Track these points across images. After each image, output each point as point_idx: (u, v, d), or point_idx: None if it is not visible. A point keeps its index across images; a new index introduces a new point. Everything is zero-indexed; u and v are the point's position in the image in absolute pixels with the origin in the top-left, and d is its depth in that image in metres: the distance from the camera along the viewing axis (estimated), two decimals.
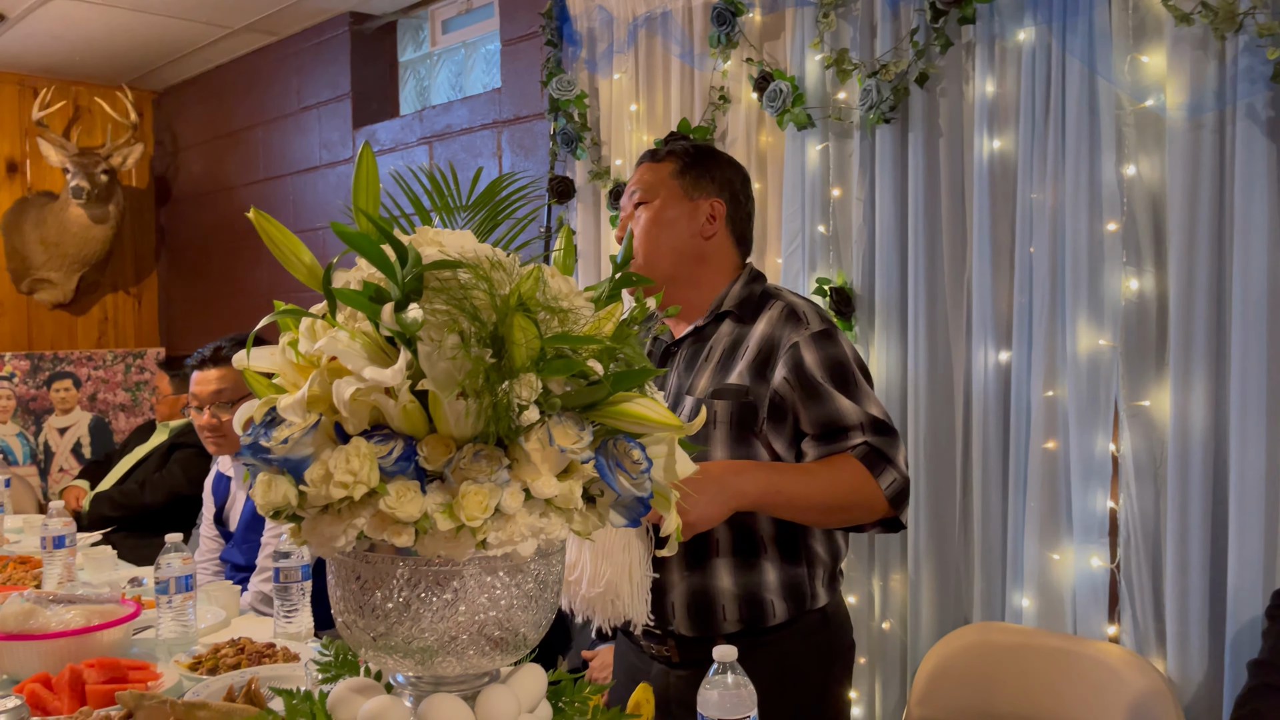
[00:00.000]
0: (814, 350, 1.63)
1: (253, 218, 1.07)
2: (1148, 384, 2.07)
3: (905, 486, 1.61)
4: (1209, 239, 1.95)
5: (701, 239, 1.75)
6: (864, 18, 2.45)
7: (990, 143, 2.24)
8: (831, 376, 1.62)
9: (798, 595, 1.66)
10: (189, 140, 5.44)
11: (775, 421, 1.64)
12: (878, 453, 1.59)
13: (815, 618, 1.69)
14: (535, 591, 1.06)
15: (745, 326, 1.70)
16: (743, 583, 1.64)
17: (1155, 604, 2.06)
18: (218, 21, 4.40)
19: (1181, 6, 1.93)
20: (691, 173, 1.76)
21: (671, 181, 1.76)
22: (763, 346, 1.66)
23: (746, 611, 1.64)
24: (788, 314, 1.68)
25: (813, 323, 1.66)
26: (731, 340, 1.70)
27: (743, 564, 1.64)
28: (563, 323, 1.03)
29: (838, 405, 1.60)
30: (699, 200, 1.75)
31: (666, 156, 1.79)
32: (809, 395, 1.61)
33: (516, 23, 3.51)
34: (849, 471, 1.58)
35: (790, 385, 1.62)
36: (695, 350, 1.73)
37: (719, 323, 1.73)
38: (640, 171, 1.80)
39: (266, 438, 1.00)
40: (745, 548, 1.65)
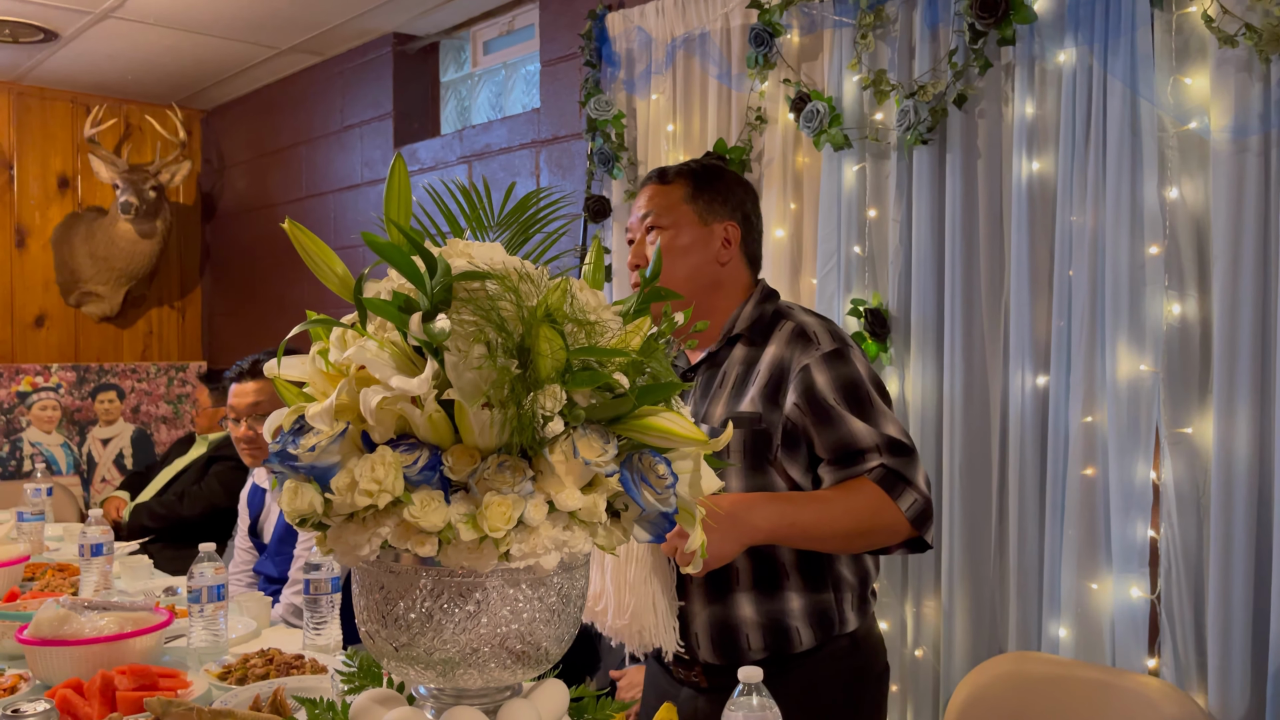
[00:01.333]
0: (825, 371, 1.59)
1: (287, 228, 1.09)
2: (1190, 410, 2.03)
3: (927, 506, 1.56)
4: (1253, 263, 1.92)
5: (717, 265, 1.72)
6: (902, 39, 2.44)
7: (1029, 164, 2.22)
8: (845, 398, 1.58)
9: (825, 621, 1.63)
10: (235, 158, 5.54)
11: (789, 448, 1.60)
12: (895, 474, 1.55)
13: (844, 643, 1.66)
14: (558, 605, 1.06)
15: (756, 349, 1.66)
16: (765, 611, 1.61)
17: (1197, 636, 2.01)
18: (265, 42, 4.49)
19: (1225, 28, 1.90)
20: (704, 196, 1.72)
21: (684, 206, 1.72)
22: (774, 371, 1.62)
23: (771, 639, 1.61)
24: (797, 334, 1.64)
25: (823, 342, 1.62)
26: (744, 365, 1.66)
27: (765, 594, 1.62)
28: (589, 335, 1.03)
29: (851, 428, 1.56)
30: (713, 225, 1.71)
31: (676, 178, 1.75)
32: (821, 420, 1.57)
33: (556, 43, 3.54)
34: (866, 496, 1.54)
35: (802, 410, 1.58)
36: (710, 376, 1.70)
37: (731, 346, 1.70)
38: (649, 193, 1.75)
39: (294, 445, 1.01)
40: (767, 578, 1.62)
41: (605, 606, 1.54)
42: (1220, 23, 1.91)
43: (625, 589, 1.52)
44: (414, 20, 4.20)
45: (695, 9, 2.90)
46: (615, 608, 1.53)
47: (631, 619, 1.51)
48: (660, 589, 1.53)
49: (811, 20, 2.63)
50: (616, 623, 1.52)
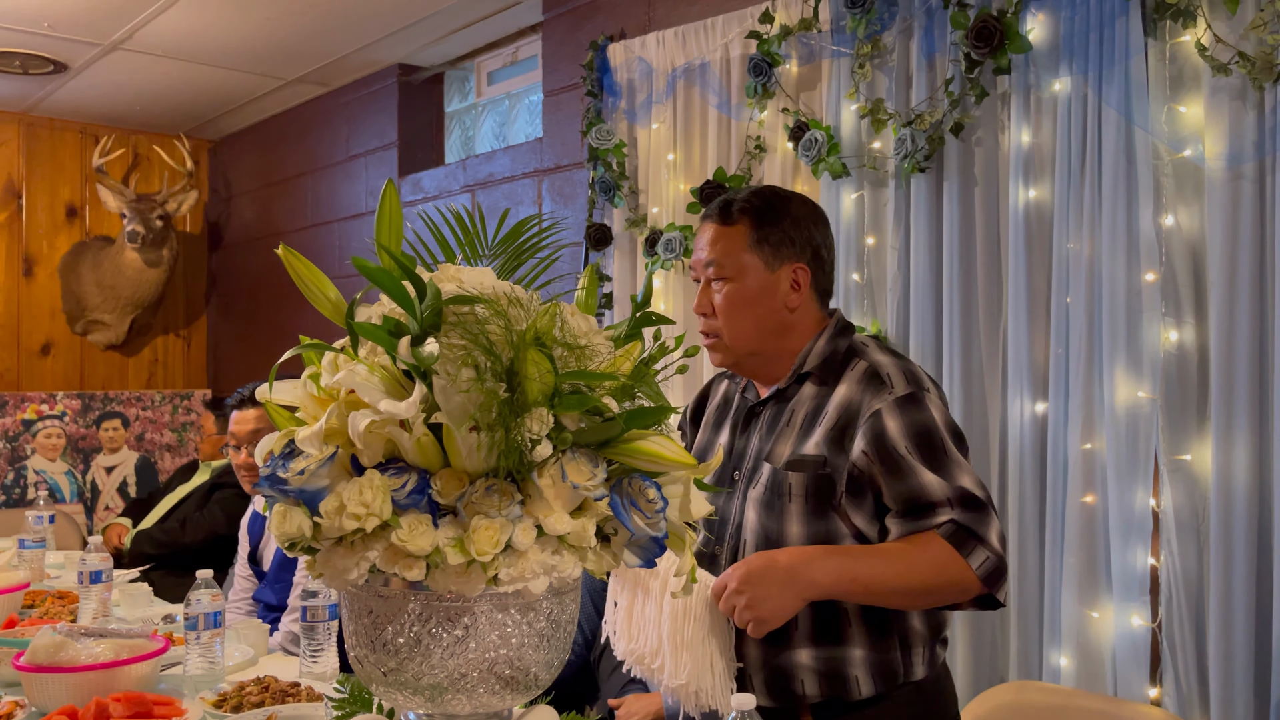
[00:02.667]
0: (897, 418, 1.50)
1: (282, 254, 1.10)
2: (1189, 438, 2.02)
3: (1000, 564, 1.47)
4: (1249, 290, 1.92)
5: (786, 310, 1.62)
6: (899, 68, 2.46)
7: (1026, 192, 2.23)
8: (917, 447, 1.49)
9: (888, 672, 1.54)
10: (242, 187, 5.59)
11: (854, 495, 1.52)
12: (966, 530, 1.46)
13: (908, 691, 1.56)
14: (548, 631, 1.05)
15: (827, 389, 1.58)
16: (824, 658, 1.54)
17: (1199, 665, 1.99)
18: (272, 73, 4.55)
19: (1219, 57, 1.91)
20: (770, 240, 1.61)
21: (750, 255, 1.61)
22: (842, 414, 1.54)
23: (827, 685, 1.53)
24: (870, 376, 1.55)
25: (897, 386, 1.53)
26: (813, 404, 1.59)
27: (826, 646, 1.54)
28: (579, 359, 1.03)
29: (921, 480, 1.47)
30: (781, 270, 1.61)
31: (739, 218, 1.63)
32: (890, 469, 1.49)
33: (559, 74, 3.58)
34: (934, 551, 1.45)
35: (869, 458, 1.50)
36: (777, 412, 1.63)
37: (800, 384, 1.62)
38: (712, 234, 1.64)
39: (284, 469, 1.01)
40: (828, 630, 1.54)
41: (662, 664, 1.49)
42: (1214, 51, 1.92)
43: (682, 649, 1.47)
44: (419, 51, 4.25)
45: (695, 40, 2.93)
46: (672, 668, 1.47)
47: (689, 679, 1.46)
48: (718, 650, 1.48)
49: (810, 50, 2.65)
50: (672, 682, 1.47)
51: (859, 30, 2.47)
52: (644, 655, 1.54)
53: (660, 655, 1.50)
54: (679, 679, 1.48)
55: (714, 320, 1.64)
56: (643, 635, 1.54)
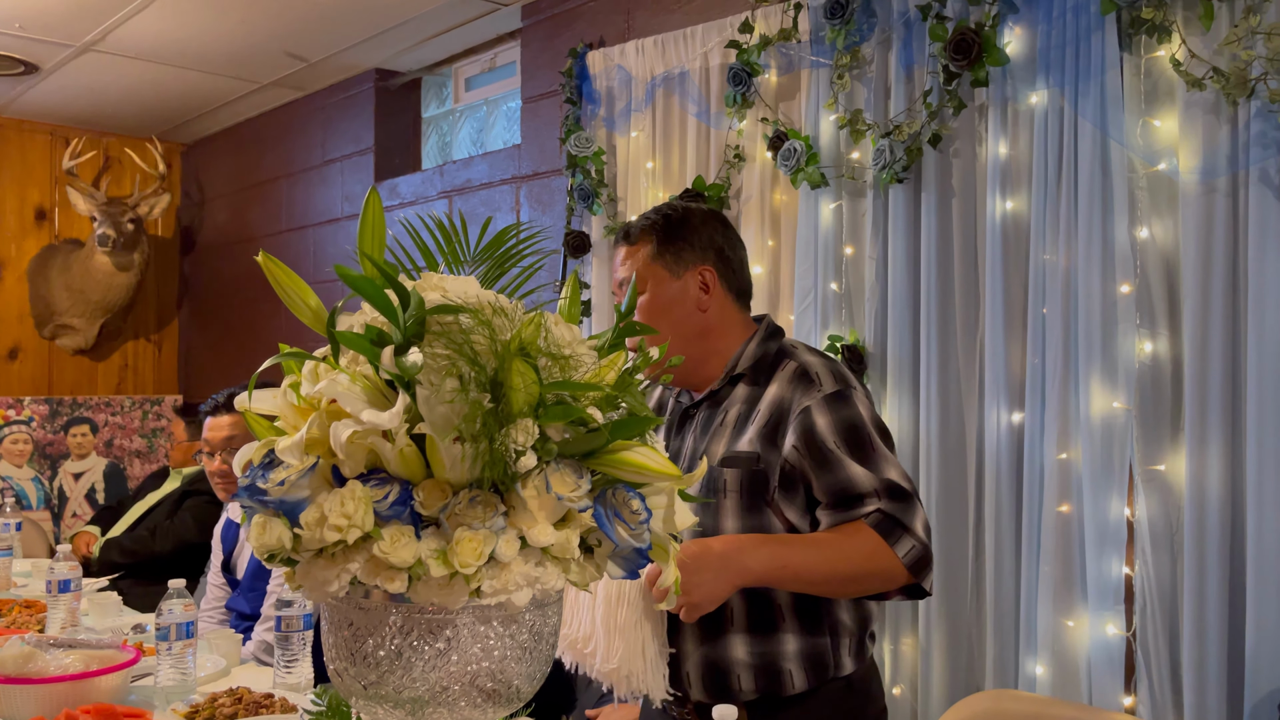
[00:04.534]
0: (826, 414, 1.57)
1: (261, 261, 1.09)
2: (1163, 448, 2.04)
3: (925, 553, 1.54)
4: (1223, 302, 1.94)
5: (699, 312, 1.69)
6: (878, 79, 2.48)
7: (1003, 204, 2.25)
8: (845, 441, 1.56)
9: (819, 665, 1.60)
10: (215, 191, 5.54)
11: (787, 490, 1.59)
12: (892, 520, 1.53)
13: (839, 685, 1.63)
14: (530, 643, 1.05)
15: (759, 389, 1.65)
16: (759, 653, 1.59)
17: (1173, 674, 2.01)
18: (247, 77, 4.51)
19: (1193, 72, 1.94)
20: (670, 249, 1.70)
21: (654, 265, 1.70)
22: (773, 411, 1.61)
23: (762, 681, 1.59)
24: (799, 375, 1.62)
25: (826, 384, 1.60)
26: (745, 404, 1.65)
27: (760, 636, 1.59)
28: (563, 369, 1.03)
29: (850, 472, 1.55)
30: (685, 274, 1.69)
31: (641, 235, 1.72)
32: (820, 463, 1.56)
33: (537, 80, 3.57)
34: (862, 540, 1.52)
35: (800, 453, 1.57)
36: (711, 414, 1.69)
37: (733, 385, 1.69)
38: (621, 256, 1.74)
39: (264, 479, 1.00)
40: (762, 620, 1.59)
41: (594, 649, 1.51)
42: (1188, 66, 1.95)
43: (615, 633, 1.49)
44: (396, 57, 4.23)
45: (674, 48, 2.93)
46: (604, 651, 1.50)
47: (620, 664, 1.49)
48: (650, 633, 1.51)
49: (789, 60, 2.66)
50: (605, 666, 1.50)
51: (838, 41, 2.48)
52: (577, 640, 1.56)
53: (594, 640, 1.53)
54: (611, 663, 1.51)
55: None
56: (576, 620, 1.56)
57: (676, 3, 3.06)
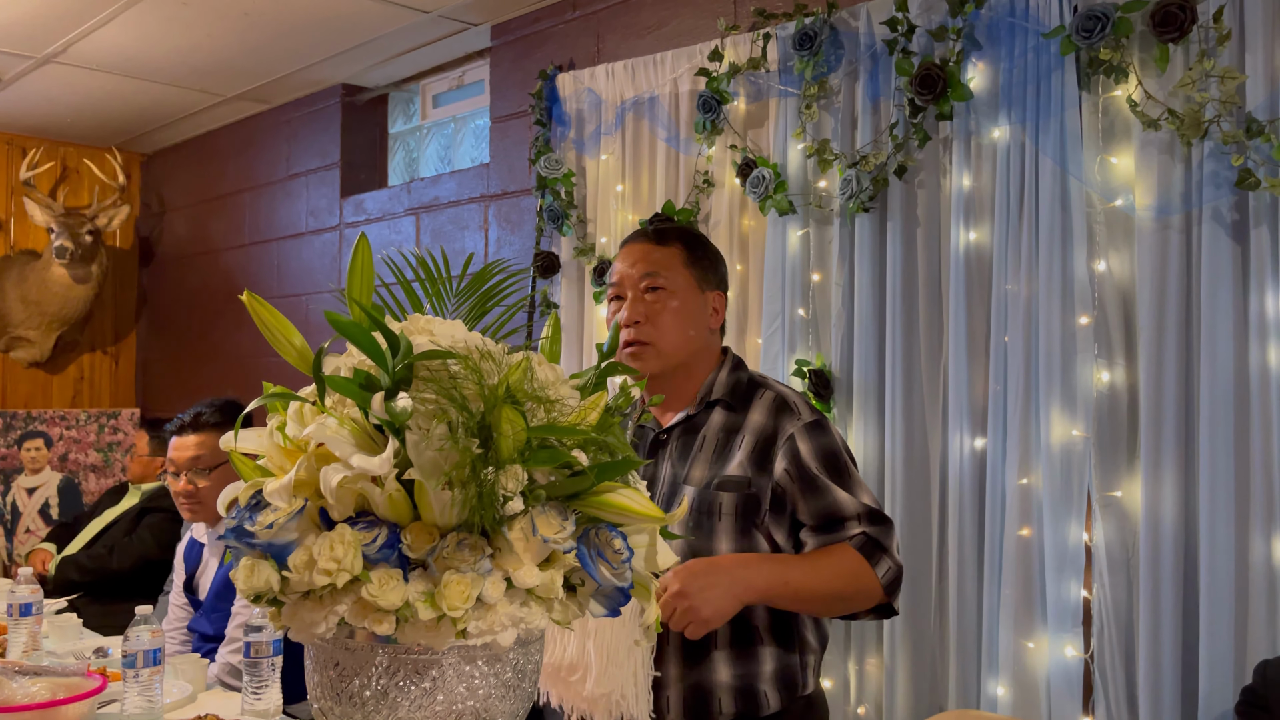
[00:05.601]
0: (808, 441, 1.65)
1: (245, 300, 1.09)
2: (1119, 474, 2.10)
3: (899, 574, 1.64)
4: (1177, 335, 2.01)
5: (709, 332, 1.77)
6: (845, 110, 2.53)
7: (966, 234, 2.30)
8: (827, 467, 1.65)
9: (790, 684, 1.68)
10: (175, 203, 5.48)
11: (776, 513, 1.66)
12: (874, 542, 1.62)
13: (802, 704, 1.71)
14: (514, 681, 1.06)
15: (738, 416, 1.71)
16: (740, 674, 1.65)
17: (1129, 695, 2.06)
18: (211, 89, 4.47)
19: (1149, 113, 2.01)
20: (700, 264, 1.77)
21: (685, 271, 1.75)
22: (760, 437, 1.67)
23: (741, 703, 1.65)
24: (780, 404, 1.70)
25: (804, 413, 1.69)
26: (725, 430, 1.70)
27: (741, 654, 1.65)
28: (548, 412, 1.05)
29: (835, 497, 1.63)
30: (708, 293, 1.78)
31: (674, 240, 1.78)
32: (808, 487, 1.64)
33: (507, 100, 3.59)
34: (848, 561, 1.61)
35: (791, 477, 1.64)
36: (687, 440, 1.73)
37: (709, 411, 1.74)
38: (645, 250, 1.76)
39: (251, 521, 1.01)
40: (743, 638, 1.65)
41: (583, 676, 1.53)
42: (1144, 107, 2.02)
43: (607, 658, 1.51)
44: (363, 72, 4.22)
45: (645, 74, 2.97)
46: (596, 676, 1.52)
47: (612, 689, 1.52)
48: (642, 659, 1.54)
49: (758, 89, 2.71)
50: (595, 691, 1.52)
51: (806, 72, 2.53)
52: (561, 668, 1.58)
53: (582, 667, 1.55)
54: (603, 688, 1.53)
55: (646, 328, 1.72)
56: (560, 647, 1.58)
57: (647, 28, 3.09)
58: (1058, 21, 2.12)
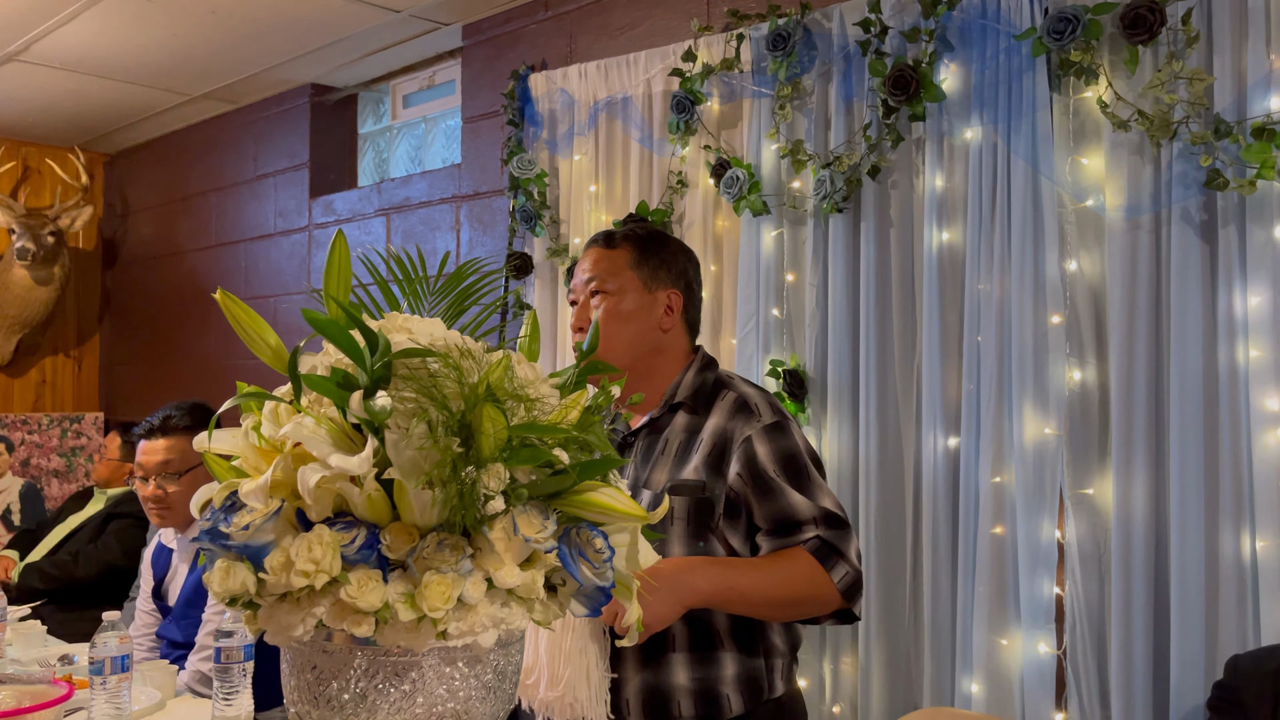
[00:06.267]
0: (766, 443, 1.63)
1: (219, 299, 1.08)
2: (1091, 472, 2.12)
3: (858, 579, 1.61)
4: (1147, 334, 2.03)
5: (659, 331, 1.74)
6: (818, 111, 2.53)
7: (939, 234, 2.31)
8: (784, 470, 1.62)
9: (754, 688, 1.65)
10: (140, 203, 5.40)
11: (731, 517, 1.63)
12: (829, 546, 1.59)
13: (770, 708, 1.68)
14: (494, 682, 1.05)
15: (699, 418, 1.69)
16: (699, 677, 1.62)
17: (1101, 691, 2.08)
18: (177, 89, 4.41)
19: (1119, 114, 2.03)
20: (649, 263, 1.75)
21: (629, 272, 1.74)
22: (716, 441, 1.65)
23: (702, 707, 1.62)
24: (739, 406, 1.67)
25: (764, 414, 1.66)
26: (686, 433, 1.69)
27: (701, 658, 1.63)
28: (528, 411, 1.04)
29: (790, 500, 1.60)
30: (657, 292, 1.74)
31: (621, 243, 1.77)
32: (762, 490, 1.61)
33: (478, 100, 3.57)
34: (801, 565, 1.58)
35: (744, 480, 1.62)
36: (651, 442, 1.72)
37: (673, 414, 1.72)
38: (594, 256, 1.77)
39: (226, 523, 0.99)
40: (702, 642, 1.63)
41: (538, 679, 1.52)
42: (1114, 108, 2.04)
43: (561, 660, 1.50)
44: (332, 72, 4.18)
45: (618, 74, 2.96)
46: (549, 679, 1.51)
47: (565, 690, 1.50)
48: (595, 659, 1.53)
49: (731, 89, 2.71)
50: (549, 695, 1.51)
51: (780, 72, 2.54)
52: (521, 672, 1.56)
53: (536, 670, 1.54)
54: (555, 691, 1.52)
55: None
56: None
57: (620, 29, 3.09)
58: (1029, 23, 2.14)
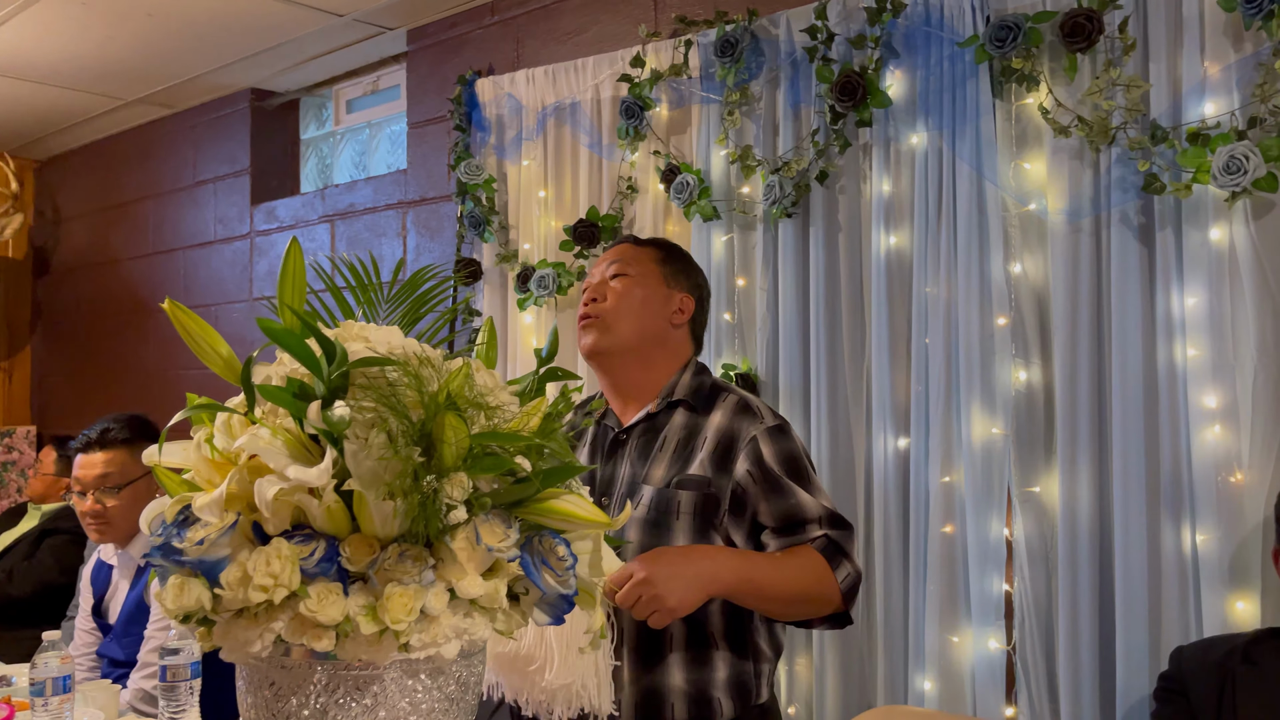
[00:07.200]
0: (771, 444, 1.66)
1: (168, 309, 1.06)
2: (1037, 470, 2.17)
3: (858, 581, 1.64)
4: (1089, 334, 2.08)
5: (669, 325, 1.79)
6: (767, 117, 2.55)
7: (887, 238, 2.34)
8: (789, 470, 1.65)
9: (744, 692, 1.66)
10: (72, 211, 5.26)
11: (736, 513, 1.65)
12: (835, 546, 1.62)
13: (756, 713, 1.69)
14: (457, 694, 1.04)
15: (700, 417, 1.71)
16: (694, 680, 1.63)
17: (1049, 684, 2.12)
18: (111, 93, 4.31)
19: (1059, 119, 2.08)
20: (672, 265, 1.82)
21: (653, 265, 1.81)
22: (721, 438, 1.67)
23: (695, 710, 1.63)
24: (742, 407, 1.71)
25: (766, 417, 1.69)
26: (686, 430, 1.71)
27: (695, 659, 1.64)
28: (489, 419, 1.03)
29: (799, 499, 1.63)
30: (674, 291, 1.80)
31: (650, 244, 1.85)
32: (771, 488, 1.64)
33: (424, 106, 3.53)
34: (811, 563, 1.60)
35: (753, 478, 1.64)
36: (648, 439, 1.73)
37: (671, 411, 1.74)
38: (620, 249, 1.84)
39: (179, 538, 0.96)
40: (697, 642, 1.64)
41: (542, 665, 1.50)
42: (1055, 114, 2.08)
43: (568, 648, 1.48)
44: (273, 76, 4.12)
45: (565, 79, 2.95)
46: (558, 667, 1.49)
47: (573, 679, 1.49)
48: (604, 649, 1.52)
49: (680, 95, 2.72)
50: (556, 682, 1.49)
51: (728, 79, 2.55)
52: (516, 657, 1.54)
53: (541, 657, 1.52)
54: (564, 679, 1.50)
55: (601, 303, 1.76)
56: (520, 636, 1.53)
57: (567, 34, 3.08)
58: (971, 31, 2.18)
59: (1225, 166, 1.84)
